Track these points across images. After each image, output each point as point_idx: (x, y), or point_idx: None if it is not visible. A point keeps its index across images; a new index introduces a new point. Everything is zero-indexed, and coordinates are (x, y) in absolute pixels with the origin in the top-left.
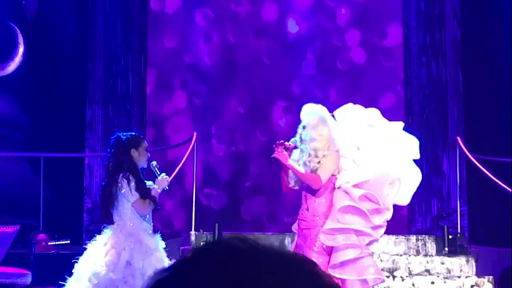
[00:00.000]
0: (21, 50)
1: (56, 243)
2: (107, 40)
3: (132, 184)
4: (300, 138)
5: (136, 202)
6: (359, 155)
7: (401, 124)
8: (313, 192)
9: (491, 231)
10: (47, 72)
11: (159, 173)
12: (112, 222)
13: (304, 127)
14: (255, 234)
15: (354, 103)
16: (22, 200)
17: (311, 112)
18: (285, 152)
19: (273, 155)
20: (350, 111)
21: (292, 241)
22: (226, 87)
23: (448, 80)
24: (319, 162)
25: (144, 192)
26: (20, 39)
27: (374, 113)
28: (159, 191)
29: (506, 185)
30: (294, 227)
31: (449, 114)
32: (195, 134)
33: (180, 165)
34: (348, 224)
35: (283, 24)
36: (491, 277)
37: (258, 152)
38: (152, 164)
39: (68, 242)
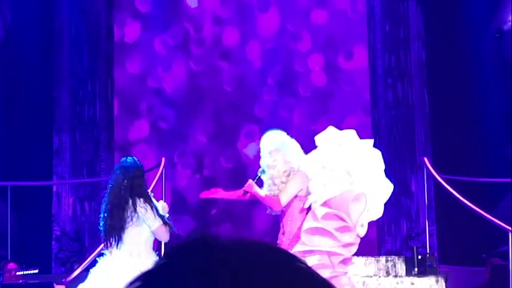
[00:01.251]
0: None
1: (24, 272)
2: (73, 66)
3: (154, 209)
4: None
5: (160, 228)
6: (325, 174)
7: (371, 141)
8: (286, 215)
9: (461, 251)
10: (13, 101)
11: (156, 201)
12: (110, 246)
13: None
14: None
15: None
16: None
17: (264, 141)
18: (251, 181)
19: (243, 188)
20: (327, 134)
21: None
22: (192, 112)
23: (414, 101)
24: (278, 189)
25: (163, 218)
26: None
27: (348, 133)
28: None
29: (473, 204)
30: None
31: (416, 135)
32: (163, 159)
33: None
34: (316, 246)
35: (244, 49)
36: None
37: (224, 177)
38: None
39: (37, 271)
